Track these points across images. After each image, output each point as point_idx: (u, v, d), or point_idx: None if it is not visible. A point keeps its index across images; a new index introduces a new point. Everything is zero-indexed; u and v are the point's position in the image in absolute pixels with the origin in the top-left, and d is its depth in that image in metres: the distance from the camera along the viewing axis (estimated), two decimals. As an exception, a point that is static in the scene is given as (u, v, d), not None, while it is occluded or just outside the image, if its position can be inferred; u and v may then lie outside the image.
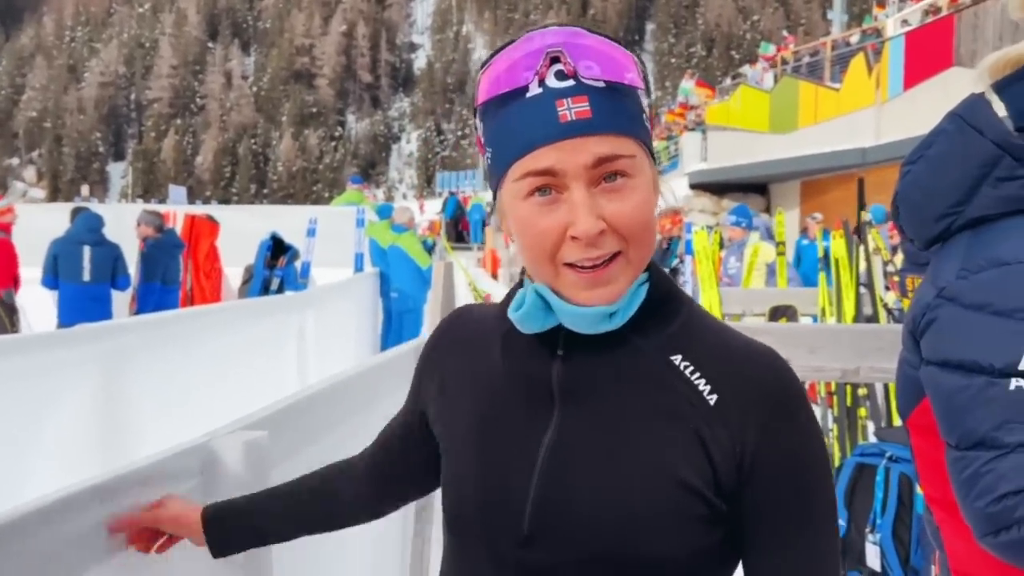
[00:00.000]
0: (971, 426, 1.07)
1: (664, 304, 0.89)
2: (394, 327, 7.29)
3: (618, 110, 0.82)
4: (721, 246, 6.99)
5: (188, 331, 3.47)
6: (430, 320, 2.79)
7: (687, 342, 0.88)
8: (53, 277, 6.57)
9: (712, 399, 0.84)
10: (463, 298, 5.05)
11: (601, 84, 0.81)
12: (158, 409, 3.06)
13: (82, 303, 6.42)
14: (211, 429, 1.30)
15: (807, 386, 4.69)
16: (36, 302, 6.89)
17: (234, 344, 3.69)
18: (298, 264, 7.11)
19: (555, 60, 0.82)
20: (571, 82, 0.81)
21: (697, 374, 0.86)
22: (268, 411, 1.44)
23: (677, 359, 0.87)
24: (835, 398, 4.39)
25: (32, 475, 2.48)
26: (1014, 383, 1.05)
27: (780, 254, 6.22)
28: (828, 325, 4.30)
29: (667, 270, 7.45)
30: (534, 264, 0.85)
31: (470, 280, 4.94)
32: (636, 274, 0.85)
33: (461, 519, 0.91)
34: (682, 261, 5.97)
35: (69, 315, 6.29)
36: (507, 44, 0.86)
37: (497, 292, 5.64)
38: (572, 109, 0.80)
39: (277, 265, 6.98)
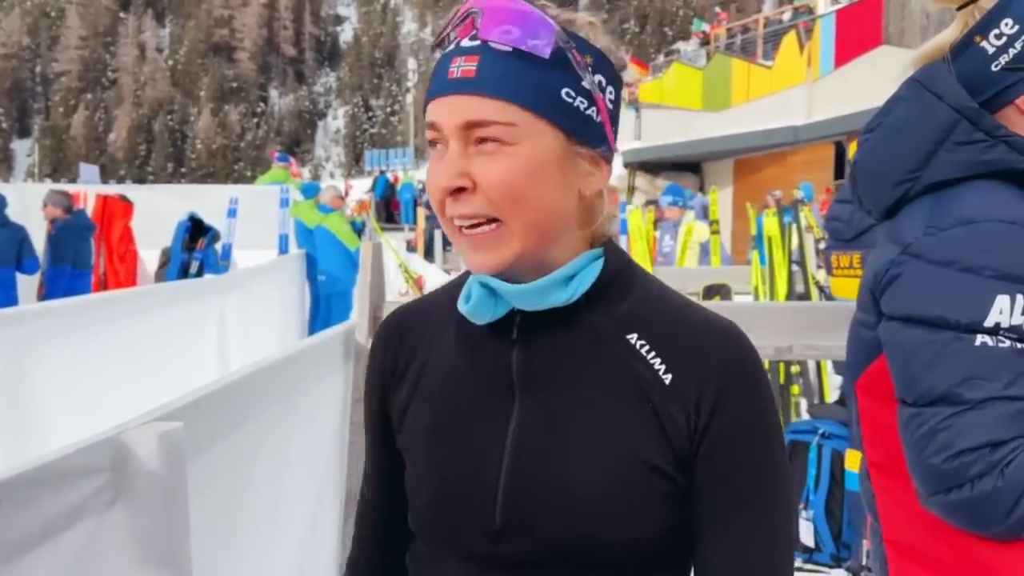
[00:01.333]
0: (932, 382, 1.09)
1: (617, 279, 0.90)
2: (322, 311, 7.19)
3: (513, 77, 0.82)
4: (655, 225, 7.07)
5: (101, 318, 3.35)
6: (359, 303, 2.75)
7: (643, 319, 0.89)
8: (-49, 261, 6.30)
9: (667, 378, 0.86)
10: (393, 280, 5.00)
11: (506, 49, 0.81)
12: (67, 401, 2.96)
13: (-16, 288, 6.17)
14: (124, 421, 1.25)
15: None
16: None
17: (150, 331, 3.59)
18: (218, 246, 6.95)
19: (469, 16, 0.84)
20: (477, 42, 0.83)
21: (652, 353, 0.87)
22: (184, 400, 1.40)
23: (633, 338, 0.88)
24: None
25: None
26: (979, 339, 1.07)
27: (714, 233, 6.33)
28: (761, 303, 4.40)
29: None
30: (439, 217, 0.88)
31: (401, 261, 4.90)
32: (522, 247, 0.84)
33: (429, 520, 0.91)
34: (617, 240, 6.03)
35: (-30, 301, 6.03)
36: None
37: (429, 273, 5.60)
38: (460, 67, 0.82)
39: (196, 247, 6.82)
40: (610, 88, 0.89)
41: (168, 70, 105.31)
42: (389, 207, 22.13)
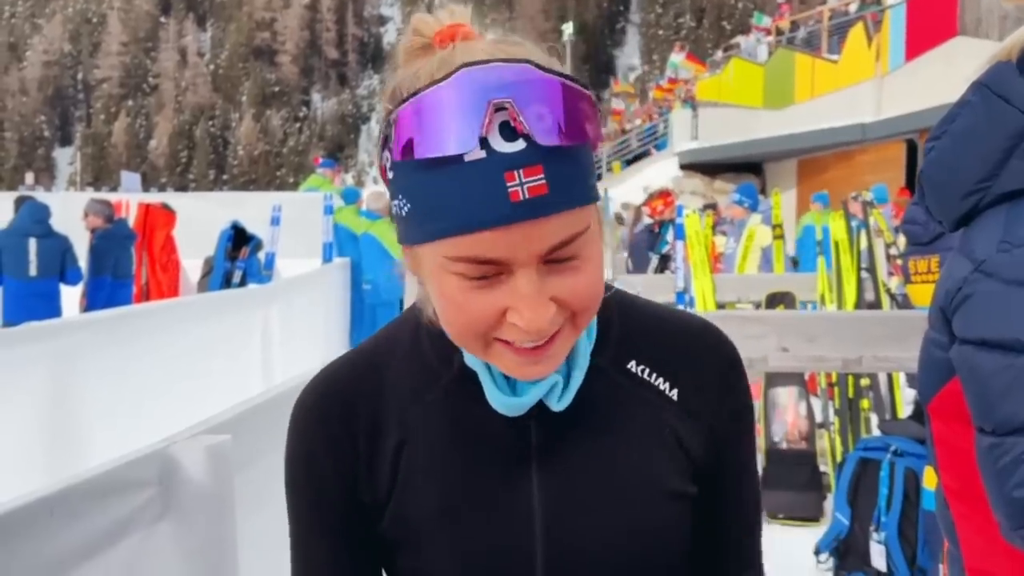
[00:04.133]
0: (1011, 410, 1.06)
1: (600, 316, 0.86)
2: (367, 321, 7.26)
3: (577, 176, 0.73)
4: (714, 230, 7.02)
5: (143, 329, 3.44)
6: (405, 313, 2.77)
7: (633, 342, 0.89)
8: (-3, 272, 6.51)
9: (674, 394, 0.88)
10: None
11: (560, 145, 0.71)
12: (111, 413, 3.04)
13: (28, 300, 6.36)
14: (169, 434, 1.29)
15: (807, 377, 4.73)
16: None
17: (193, 342, 3.67)
18: (261, 255, 7.06)
19: (499, 109, 0.70)
20: (522, 144, 0.70)
21: (655, 375, 0.88)
22: (231, 413, 1.44)
23: (632, 366, 0.88)
24: (836, 389, 4.42)
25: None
26: None
27: (777, 237, 6.26)
28: (828, 312, 4.34)
29: (658, 256, 7.48)
30: (460, 337, 0.79)
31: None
32: (577, 336, 0.81)
33: None
34: (673, 247, 5.99)
35: (14, 312, 6.22)
36: (437, 80, 0.72)
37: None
38: (525, 184, 0.70)
39: (239, 256, 6.94)
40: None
41: (209, 75, 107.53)
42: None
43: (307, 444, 0.87)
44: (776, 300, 4.93)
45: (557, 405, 0.82)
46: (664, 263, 7.26)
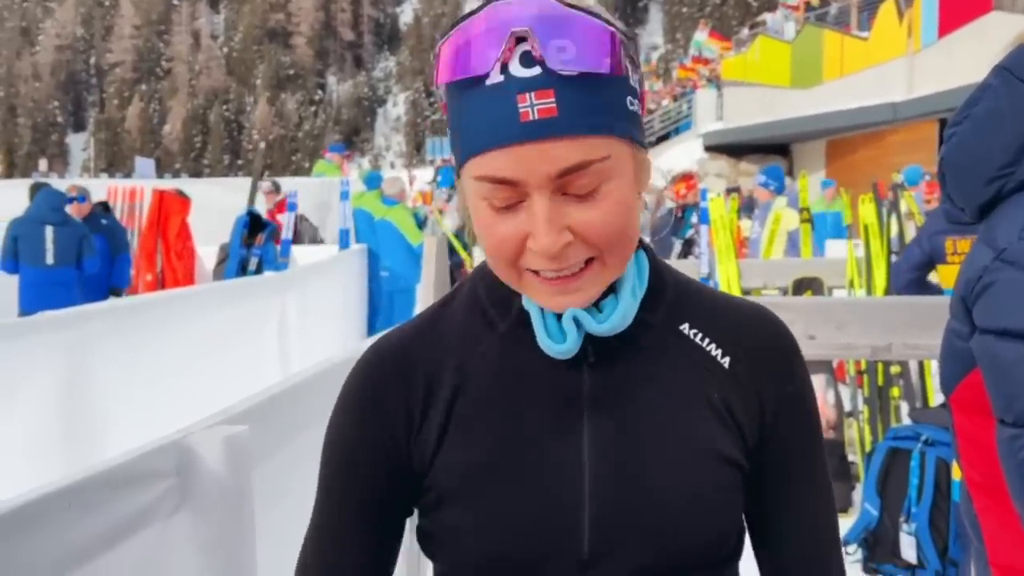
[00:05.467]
0: None
1: (655, 273, 0.91)
2: (384, 309, 7.29)
3: (593, 105, 0.77)
4: (739, 213, 6.98)
5: (159, 317, 3.47)
6: (423, 300, 2.79)
7: (687, 308, 0.91)
8: (13, 261, 6.57)
9: (726, 362, 0.89)
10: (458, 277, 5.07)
11: (574, 72, 0.76)
12: (127, 402, 3.08)
13: (46, 288, 6.42)
14: (186, 423, 1.31)
15: (835, 364, 4.70)
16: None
17: (209, 330, 3.70)
18: (277, 242, 7.11)
19: (521, 40, 0.76)
20: (537, 70, 0.76)
21: (707, 339, 0.90)
22: (249, 403, 1.45)
23: (685, 328, 0.90)
24: (865, 377, 4.40)
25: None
26: None
27: (805, 221, 6.21)
28: (857, 299, 4.31)
29: (681, 241, 7.45)
30: (496, 267, 0.84)
31: (466, 256, 4.93)
32: (613, 276, 0.84)
33: (502, 562, 0.86)
34: (697, 231, 5.96)
35: (31, 301, 6.29)
36: (470, 13, 0.81)
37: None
38: (535, 106, 0.76)
39: (255, 243, 6.98)
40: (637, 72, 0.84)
41: (223, 58, 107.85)
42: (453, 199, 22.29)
43: (367, 404, 0.90)
44: (803, 286, 4.90)
45: (598, 327, 0.84)
46: (688, 248, 7.23)
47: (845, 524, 3.71)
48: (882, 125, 15.93)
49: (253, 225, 7.08)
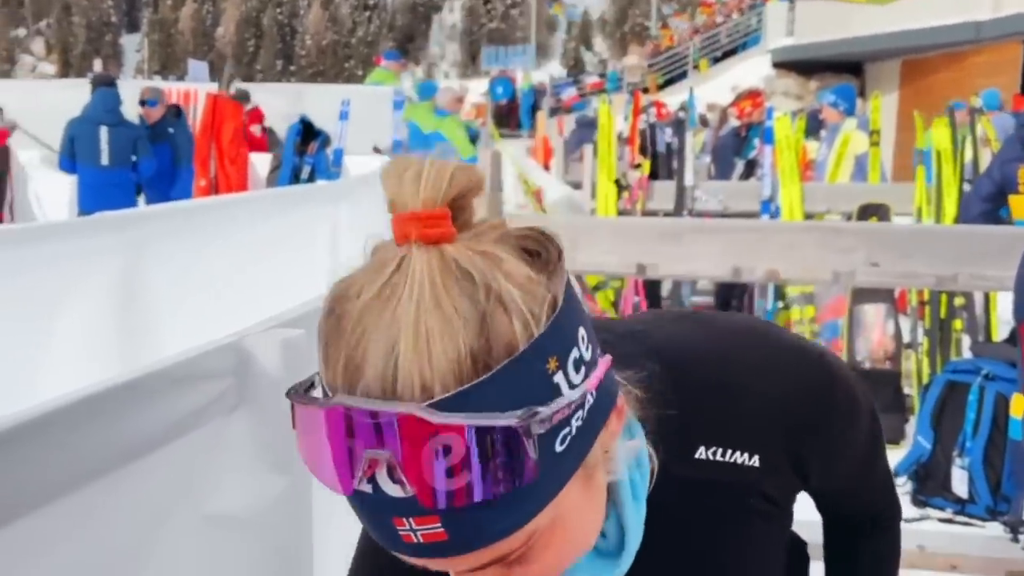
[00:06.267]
0: None
1: (653, 405, 0.78)
2: (436, 221, 7.33)
3: (492, 516, 0.61)
4: (806, 133, 6.82)
5: (214, 222, 3.54)
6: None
7: (695, 425, 0.80)
8: (70, 160, 6.70)
9: (755, 461, 0.81)
10: (512, 192, 5.03)
11: (444, 507, 0.60)
12: (183, 305, 3.16)
13: (103, 189, 6.54)
14: (239, 327, 1.34)
15: (897, 294, 4.64)
16: (54, 187, 7.04)
17: (263, 237, 3.76)
18: (329, 151, 7.14)
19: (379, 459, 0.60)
20: (410, 491, 0.59)
21: (728, 452, 0.80)
22: (304, 309, 1.48)
23: (700, 453, 0.80)
24: (927, 308, 4.34)
25: (49, 372, 2.60)
26: None
27: (874, 144, 6.06)
28: (924, 226, 4.22)
29: (744, 162, 7.33)
30: None
31: (520, 172, 4.92)
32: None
33: None
34: (761, 152, 5.86)
35: (89, 202, 6.42)
36: (316, 402, 0.62)
37: (549, 186, 5.61)
38: (417, 532, 0.61)
39: (307, 151, 7.02)
40: (584, 335, 0.65)
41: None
42: (508, 112, 22.10)
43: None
44: (869, 212, 4.81)
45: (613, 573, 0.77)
46: (750, 169, 7.12)
47: (896, 456, 3.71)
48: (963, 45, 15.31)
49: (306, 133, 7.11)
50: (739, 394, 0.81)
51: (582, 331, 0.64)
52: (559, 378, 0.61)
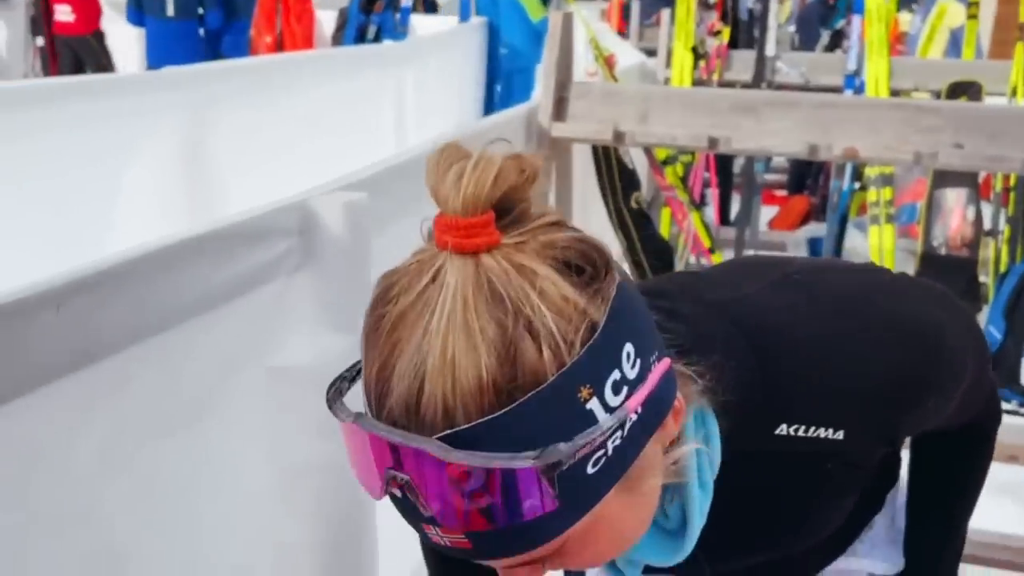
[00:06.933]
0: None
1: (737, 391, 0.76)
2: (503, 88, 7.22)
3: (518, 533, 0.60)
4: (900, 4, 6.50)
5: (281, 80, 3.54)
6: (543, 82, 2.76)
7: (778, 403, 0.78)
8: (137, 11, 6.69)
9: (839, 435, 0.78)
10: (582, 57, 4.91)
11: (462, 532, 0.61)
12: (247, 164, 3.20)
13: (169, 42, 6.54)
14: (302, 188, 1.37)
15: (981, 179, 4.50)
16: (122, 40, 7.07)
17: (328, 97, 3.76)
18: (396, 10, 7.02)
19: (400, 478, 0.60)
20: (429, 512, 0.61)
21: (812, 428, 0.78)
22: (368, 172, 1.50)
23: (781, 429, 0.78)
24: (1012, 195, 4.20)
25: (117, 225, 2.68)
26: None
27: (971, 17, 5.75)
28: (1015, 107, 4.04)
29: (830, 32, 7.04)
30: None
31: (591, 36, 4.78)
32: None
33: None
34: (849, 22, 5.60)
35: (156, 56, 6.44)
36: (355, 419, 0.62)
37: (622, 51, 5.46)
38: (445, 538, 0.61)
39: (373, 10, 6.91)
40: (631, 351, 0.62)
41: None
42: (582, -29, 21.36)
43: None
44: (959, 90, 4.61)
45: (671, 559, 0.78)
46: (836, 40, 6.84)
47: (965, 345, 3.68)
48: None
49: (372, -10, 6.98)
50: (835, 379, 0.78)
51: (629, 347, 0.61)
52: (593, 404, 0.58)
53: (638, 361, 0.61)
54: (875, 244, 4.22)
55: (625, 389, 0.60)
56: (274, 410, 1.28)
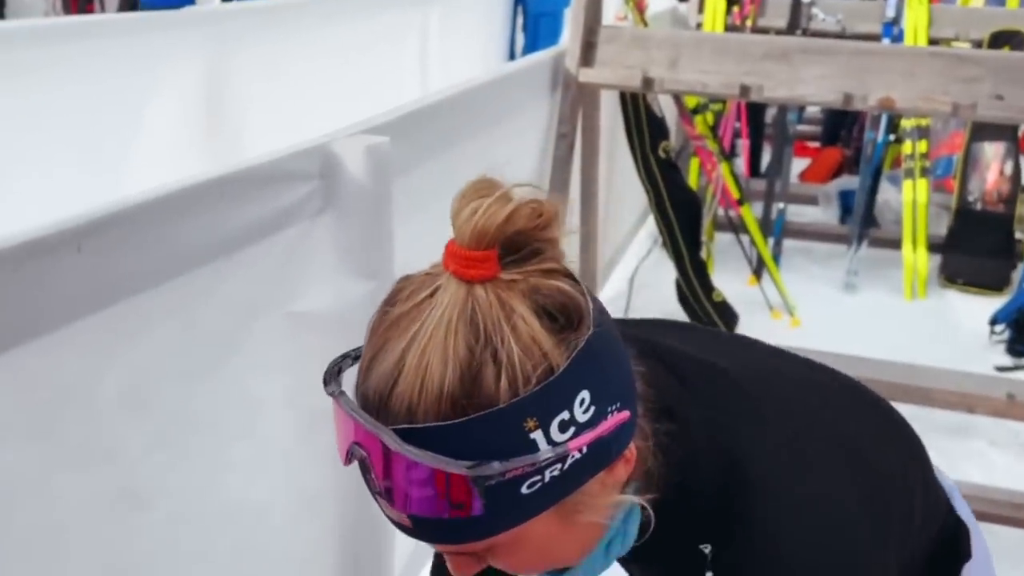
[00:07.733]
0: None
1: (703, 533, 0.81)
2: (529, 32, 7.15)
3: (450, 527, 0.69)
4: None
5: (299, 20, 3.52)
6: (571, 26, 2.74)
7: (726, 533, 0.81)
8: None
9: None
10: (612, 1, 4.84)
11: (406, 515, 0.70)
12: (268, 105, 3.20)
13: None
14: (324, 130, 1.38)
15: (1021, 132, 4.42)
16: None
17: (349, 38, 3.74)
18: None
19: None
20: (379, 487, 0.70)
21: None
22: (390, 116, 1.50)
23: (708, 548, 0.81)
24: (1053, 150, 4.14)
25: (138, 166, 2.70)
26: None
27: (1018, -37, 5.61)
28: (1063, 59, 3.96)
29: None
30: None
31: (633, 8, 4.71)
32: None
33: None
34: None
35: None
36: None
37: (653, -5, 5.37)
38: (391, 514, 0.71)
39: (398, -53, 6.83)
40: (585, 397, 0.68)
41: None
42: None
43: None
44: (1001, 40, 4.51)
45: None
46: (875, -14, 6.69)
47: (997, 303, 3.65)
48: None
49: (397, -73, 6.88)
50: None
51: (585, 393, 0.68)
52: (537, 435, 0.66)
53: (592, 408, 0.68)
54: (908, 198, 4.18)
55: (572, 429, 0.67)
56: (293, 353, 1.30)
